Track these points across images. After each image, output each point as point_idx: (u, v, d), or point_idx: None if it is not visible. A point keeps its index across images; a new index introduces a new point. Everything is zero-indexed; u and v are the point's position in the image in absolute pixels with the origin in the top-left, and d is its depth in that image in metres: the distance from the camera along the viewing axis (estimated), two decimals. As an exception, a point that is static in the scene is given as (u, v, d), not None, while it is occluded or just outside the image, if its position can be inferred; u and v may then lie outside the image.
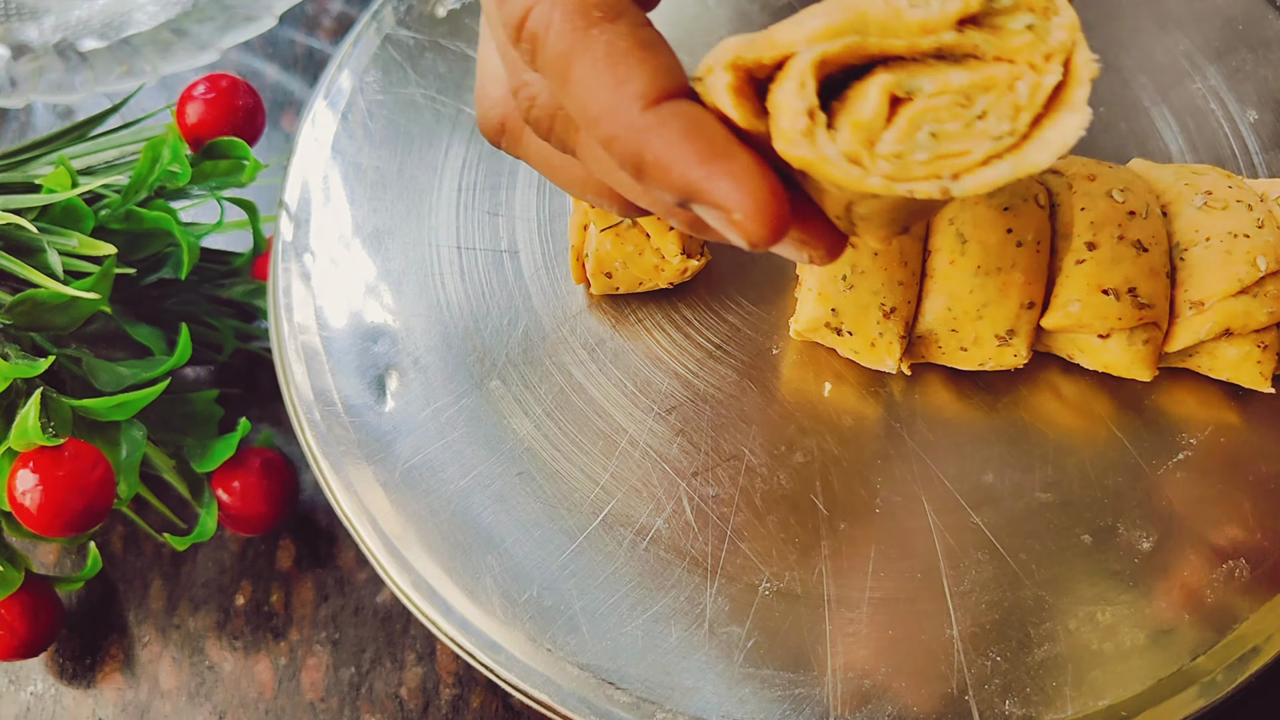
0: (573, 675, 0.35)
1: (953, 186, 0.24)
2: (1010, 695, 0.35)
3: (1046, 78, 0.24)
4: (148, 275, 0.45)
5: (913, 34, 0.24)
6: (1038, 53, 0.24)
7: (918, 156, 0.24)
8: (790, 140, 0.24)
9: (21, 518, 0.37)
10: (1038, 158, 0.24)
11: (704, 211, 0.24)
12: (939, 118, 0.24)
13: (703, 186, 0.24)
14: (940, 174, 0.24)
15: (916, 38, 0.24)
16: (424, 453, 0.39)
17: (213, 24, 0.50)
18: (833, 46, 0.24)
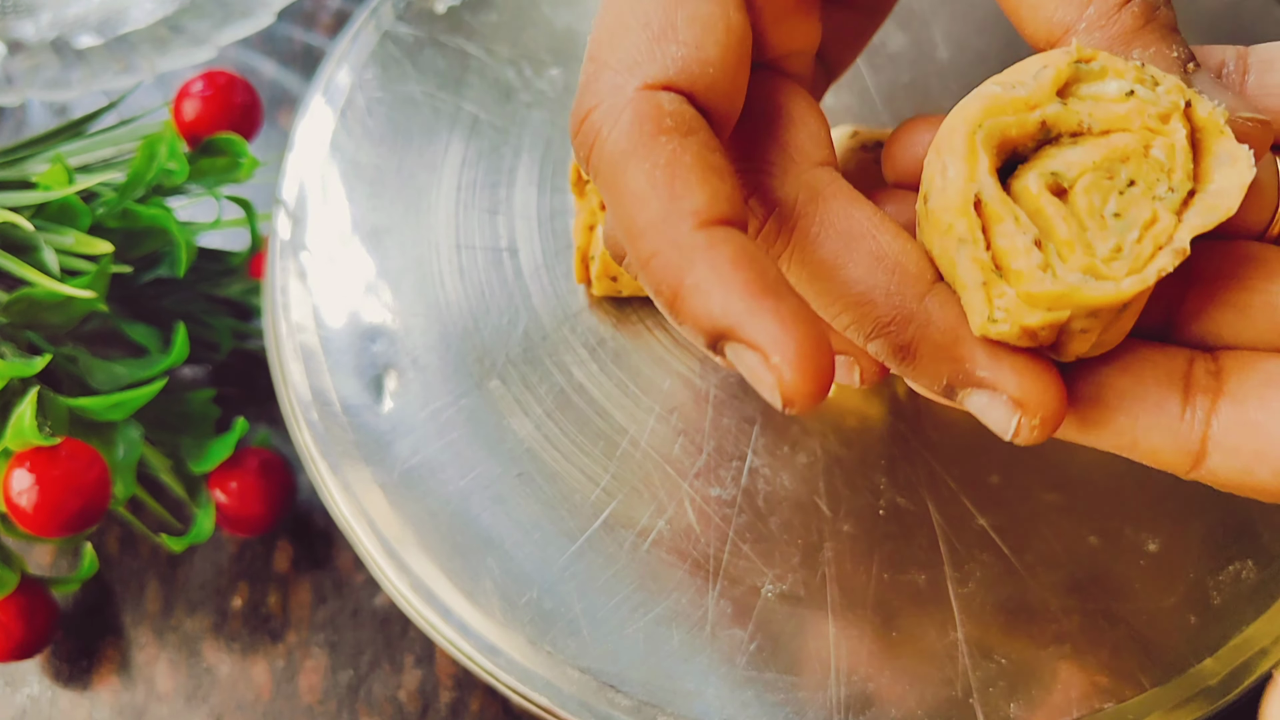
0: (573, 678, 0.35)
1: (1176, 251, 0.23)
2: (1015, 698, 0.34)
3: (1176, 137, 0.24)
4: (144, 273, 0.45)
5: (1019, 111, 0.24)
6: (1148, 117, 0.24)
7: (1130, 240, 0.23)
8: (1031, 279, 0.23)
9: (17, 518, 0.37)
10: (1222, 203, 0.23)
11: (737, 354, 0.22)
12: (1106, 196, 0.23)
13: (743, 321, 0.22)
14: (1160, 244, 0.23)
15: (1024, 114, 0.24)
16: (423, 453, 0.38)
17: (210, 20, 0.50)
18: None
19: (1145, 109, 0.24)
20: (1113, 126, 0.24)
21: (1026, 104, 0.24)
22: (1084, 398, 0.26)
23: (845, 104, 0.43)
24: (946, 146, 0.23)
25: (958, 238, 0.23)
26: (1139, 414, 0.26)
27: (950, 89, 0.43)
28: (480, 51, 0.45)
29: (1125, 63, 0.24)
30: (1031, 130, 0.24)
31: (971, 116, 0.23)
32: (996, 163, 0.24)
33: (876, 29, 0.32)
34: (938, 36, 0.44)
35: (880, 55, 0.44)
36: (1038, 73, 0.24)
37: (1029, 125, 0.24)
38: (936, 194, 0.24)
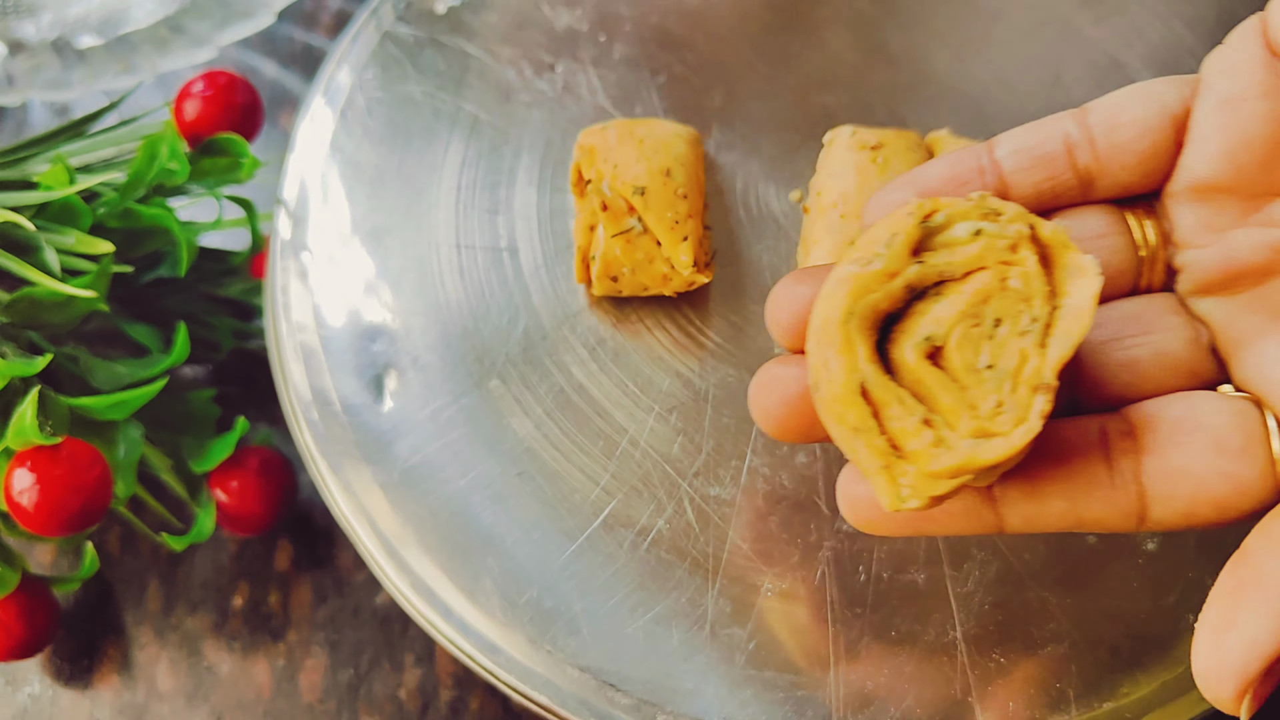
0: (573, 677, 0.35)
1: (1048, 387, 0.24)
2: (1014, 697, 0.34)
3: (1028, 263, 0.25)
4: (145, 273, 0.45)
5: (882, 284, 0.25)
6: (999, 250, 0.25)
7: (1007, 390, 0.24)
8: (928, 458, 0.24)
9: (18, 517, 0.37)
10: (1076, 325, 0.24)
11: None
12: (977, 348, 0.25)
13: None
14: (1035, 384, 0.24)
15: (887, 285, 0.25)
16: (423, 453, 0.38)
17: (210, 20, 0.50)
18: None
19: (994, 243, 0.25)
20: (970, 266, 0.25)
21: (886, 274, 0.25)
22: (1016, 495, 0.27)
23: (844, 103, 0.43)
24: (825, 340, 0.25)
25: (852, 427, 0.24)
26: (1072, 494, 0.27)
27: (948, 89, 0.43)
28: (480, 52, 0.45)
29: (966, 202, 0.25)
30: (899, 295, 0.25)
31: (840, 305, 0.24)
32: (874, 335, 0.25)
33: None
34: (937, 37, 0.44)
35: (880, 55, 0.44)
36: (889, 241, 0.25)
37: (896, 293, 0.25)
38: (824, 385, 0.25)
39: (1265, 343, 0.27)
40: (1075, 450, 0.27)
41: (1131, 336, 0.28)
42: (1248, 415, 0.26)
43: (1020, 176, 0.29)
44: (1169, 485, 0.26)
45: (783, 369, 0.28)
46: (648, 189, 0.38)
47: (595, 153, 0.40)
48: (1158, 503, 0.26)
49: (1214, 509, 0.26)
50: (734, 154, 0.43)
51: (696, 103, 0.44)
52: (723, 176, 0.42)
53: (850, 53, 0.44)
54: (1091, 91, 0.43)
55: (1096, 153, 0.29)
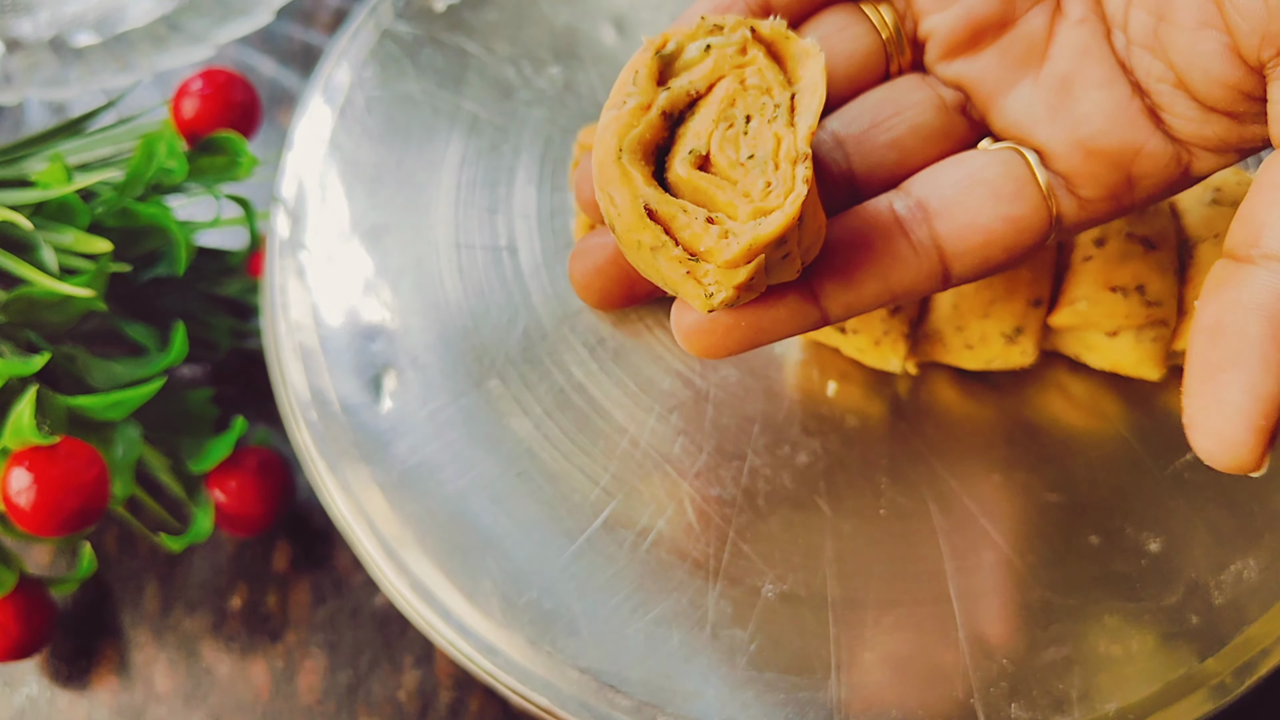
0: (573, 679, 0.35)
1: (803, 156, 0.26)
2: (1017, 698, 0.34)
3: (758, 61, 0.27)
4: (143, 272, 0.45)
5: (641, 116, 0.27)
6: (730, 57, 0.27)
7: (770, 170, 0.27)
8: (720, 250, 0.26)
9: (15, 517, 0.37)
10: (813, 100, 0.27)
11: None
12: (737, 144, 0.27)
13: None
14: (794, 159, 0.27)
15: (646, 117, 0.27)
16: (422, 453, 0.38)
17: (208, 18, 0.50)
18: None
19: (724, 52, 0.27)
20: (712, 79, 0.28)
21: (642, 108, 0.27)
22: (833, 288, 0.29)
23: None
24: (604, 180, 0.27)
25: (649, 247, 0.26)
26: (883, 273, 0.29)
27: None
28: (480, 49, 0.45)
29: (691, 26, 0.28)
30: (659, 124, 0.27)
31: (610, 145, 0.27)
32: (650, 167, 0.27)
33: None
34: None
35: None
36: (634, 78, 0.27)
37: (655, 122, 0.27)
38: (617, 221, 0.27)
39: (1016, 90, 0.30)
40: (875, 231, 0.30)
41: (888, 119, 0.31)
42: (1013, 162, 0.30)
43: None
44: (962, 240, 0.29)
45: (592, 240, 0.30)
46: (648, 188, 0.38)
47: (595, 151, 0.39)
48: (956, 259, 0.29)
49: (1004, 251, 0.29)
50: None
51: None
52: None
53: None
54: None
55: None
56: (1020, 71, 0.30)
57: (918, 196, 0.30)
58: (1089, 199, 0.29)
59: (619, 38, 0.45)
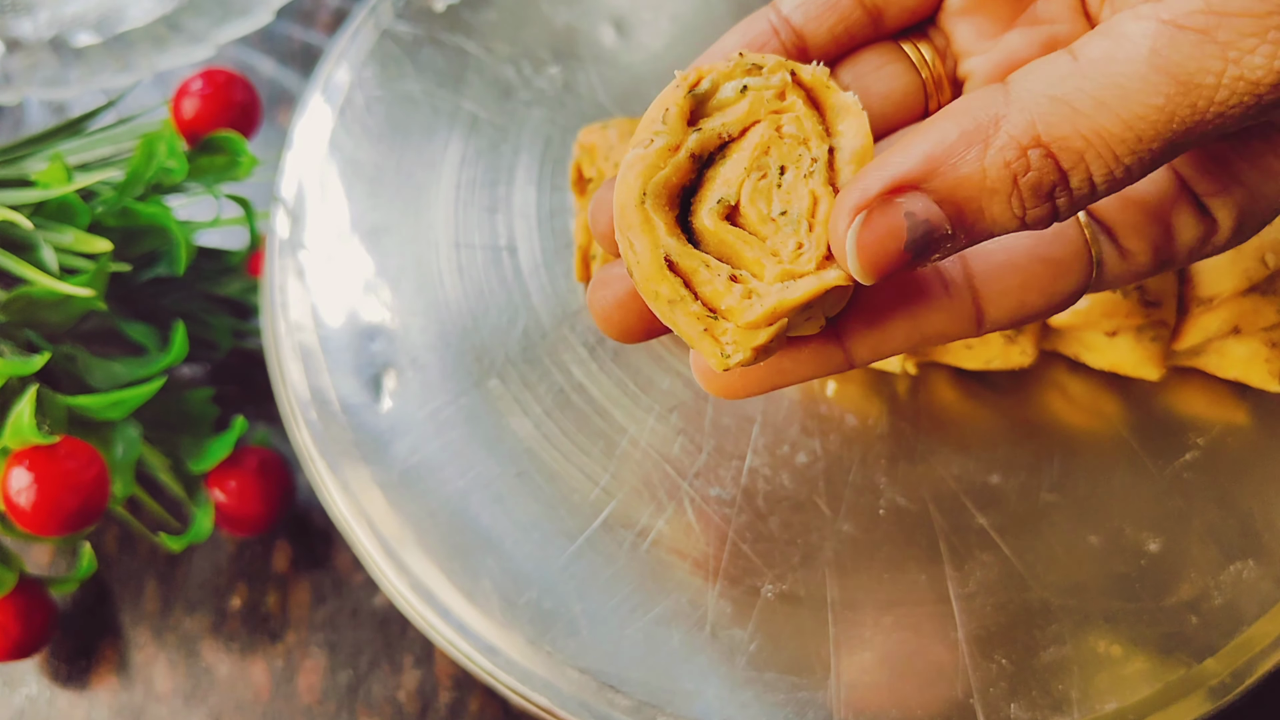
0: (573, 679, 0.35)
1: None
2: (1016, 699, 0.34)
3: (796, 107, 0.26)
4: (143, 272, 0.45)
5: (668, 158, 0.25)
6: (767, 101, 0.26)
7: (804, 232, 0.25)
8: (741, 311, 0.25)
9: (15, 516, 0.37)
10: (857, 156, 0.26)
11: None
12: (769, 198, 0.25)
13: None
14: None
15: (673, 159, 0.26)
16: (422, 453, 0.38)
17: (208, 19, 0.50)
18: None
19: (761, 95, 0.26)
20: (745, 123, 0.26)
21: (670, 149, 0.25)
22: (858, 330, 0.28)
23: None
24: (625, 224, 0.25)
25: (667, 300, 0.25)
26: (912, 313, 0.28)
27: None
28: (479, 49, 0.45)
29: (727, 64, 0.26)
30: (687, 166, 0.26)
31: (633, 188, 0.25)
32: (674, 210, 0.26)
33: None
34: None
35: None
36: (663, 117, 0.26)
37: (683, 164, 0.26)
38: (635, 268, 0.25)
39: None
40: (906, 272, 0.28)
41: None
42: None
43: (813, 26, 0.30)
44: (998, 281, 0.28)
45: (613, 270, 0.29)
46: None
47: (596, 151, 0.39)
48: (991, 301, 0.28)
49: (1042, 295, 0.28)
50: (734, 153, 0.42)
51: (697, 101, 0.43)
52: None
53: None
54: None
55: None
56: None
57: None
58: (1130, 250, 0.28)
59: (618, 38, 0.45)
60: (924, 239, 0.23)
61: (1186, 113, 0.22)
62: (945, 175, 0.23)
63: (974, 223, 0.23)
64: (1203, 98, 0.22)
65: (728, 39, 0.30)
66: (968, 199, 0.23)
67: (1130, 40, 0.23)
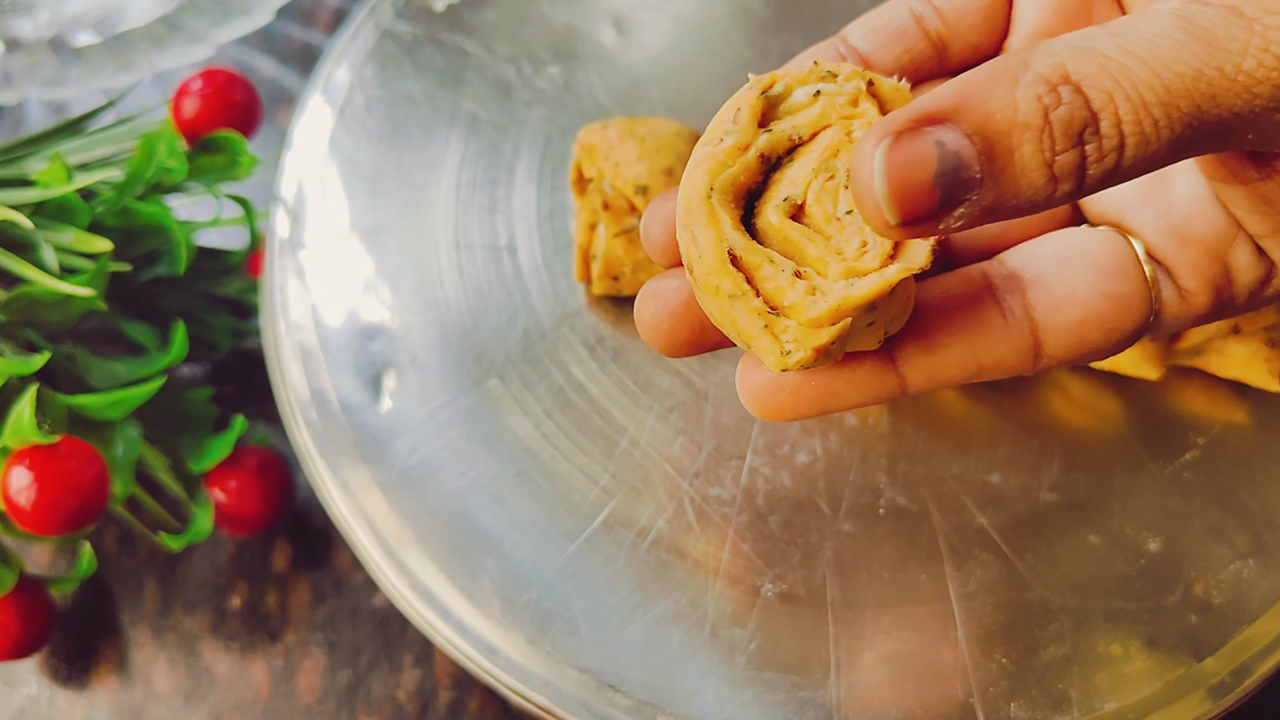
0: (572, 678, 0.35)
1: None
2: (1016, 698, 0.34)
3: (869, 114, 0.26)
4: (143, 272, 0.45)
5: (737, 158, 0.26)
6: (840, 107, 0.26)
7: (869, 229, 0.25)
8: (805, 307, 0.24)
9: (15, 516, 0.37)
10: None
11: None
12: (835, 198, 0.25)
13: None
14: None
15: (742, 158, 0.26)
16: (421, 453, 0.38)
17: (208, 18, 0.50)
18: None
19: (834, 101, 0.26)
20: (817, 127, 0.26)
21: (739, 148, 0.26)
22: (914, 352, 0.28)
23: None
24: (689, 218, 0.25)
25: (728, 295, 0.25)
26: (969, 340, 0.27)
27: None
28: (479, 49, 0.45)
29: (803, 69, 0.26)
30: (755, 166, 0.26)
31: (700, 184, 0.25)
32: (739, 210, 0.26)
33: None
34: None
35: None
36: (735, 116, 0.26)
37: (751, 164, 0.26)
38: (697, 263, 0.25)
39: None
40: (964, 297, 0.28)
41: None
42: (1116, 240, 0.28)
43: (879, 55, 0.30)
44: (1057, 314, 0.27)
45: (665, 282, 0.29)
46: (650, 188, 0.38)
47: (596, 151, 0.39)
48: (1050, 334, 0.27)
49: (1102, 331, 0.27)
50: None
51: (696, 100, 0.43)
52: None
53: (851, 51, 0.44)
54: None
55: (944, 18, 0.30)
56: None
57: (1011, 266, 0.28)
58: (1189, 290, 0.28)
59: (618, 37, 0.45)
60: (953, 174, 0.22)
61: (1214, 74, 0.22)
62: (976, 108, 0.22)
63: (1004, 166, 0.22)
64: (1229, 62, 0.22)
65: (796, 61, 0.30)
66: (999, 134, 0.22)
67: (1157, 13, 0.22)
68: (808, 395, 0.28)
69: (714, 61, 0.44)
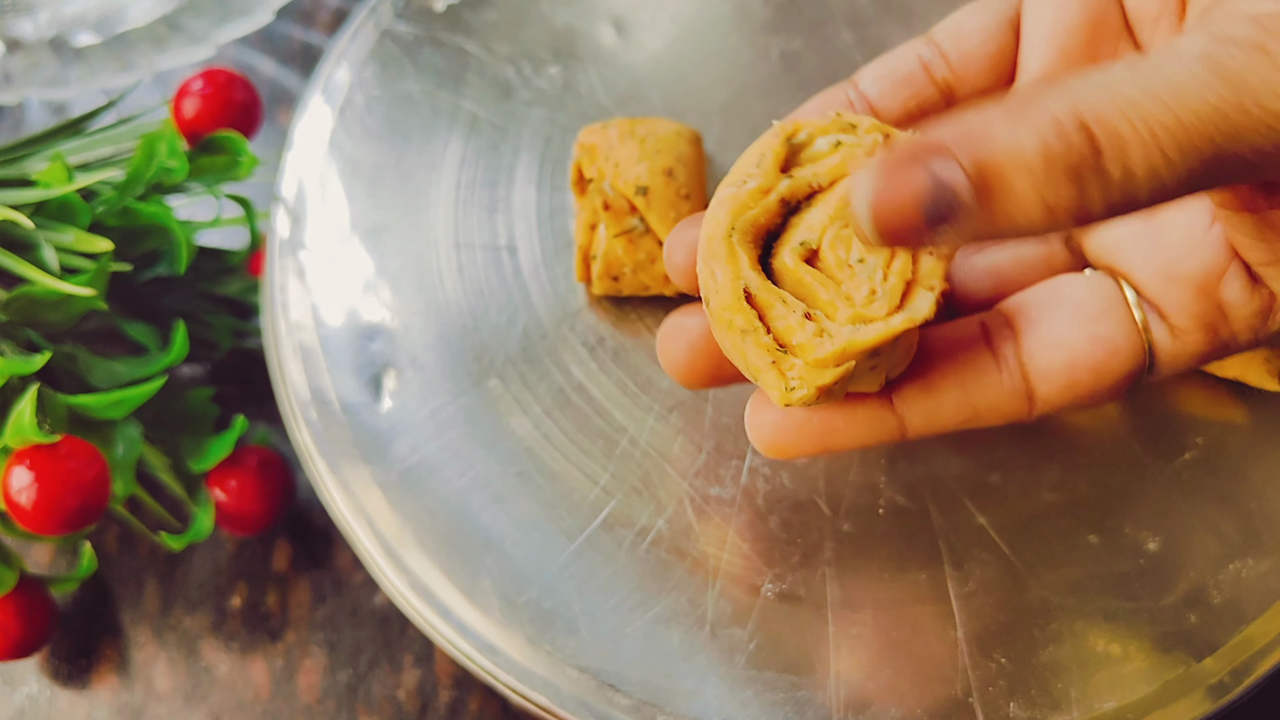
0: (572, 678, 0.35)
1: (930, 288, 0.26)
2: (1015, 698, 0.34)
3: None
4: (144, 272, 0.45)
5: (758, 200, 0.27)
6: (860, 158, 0.27)
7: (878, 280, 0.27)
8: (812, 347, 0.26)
9: (16, 515, 0.37)
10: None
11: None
12: (848, 245, 0.27)
13: None
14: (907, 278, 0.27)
15: (763, 200, 0.27)
16: (421, 452, 0.38)
17: (208, 18, 0.50)
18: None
19: (854, 152, 0.27)
20: (836, 176, 0.27)
21: (762, 191, 0.27)
22: (912, 394, 0.28)
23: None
24: (710, 254, 0.27)
25: (740, 330, 0.26)
26: (964, 384, 0.28)
27: (950, 87, 0.43)
28: (479, 49, 0.45)
29: (825, 119, 0.28)
30: (776, 209, 0.27)
31: (722, 223, 0.27)
32: (757, 249, 0.27)
33: None
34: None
35: (880, 53, 0.44)
36: (759, 161, 0.27)
37: (771, 207, 0.27)
38: (713, 297, 0.27)
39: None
40: (961, 344, 0.29)
41: (989, 245, 0.30)
42: (1104, 284, 0.29)
43: (887, 100, 0.31)
44: (1048, 359, 0.28)
45: (686, 317, 0.30)
46: (650, 189, 0.38)
47: (596, 151, 0.39)
48: (1042, 380, 0.28)
49: (1093, 375, 0.28)
50: (734, 153, 0.42)
51: (696, 101, 0.43)
52: (723, 175, 0.42)
53: (850, 50, 0.44)
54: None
55: (951, 65, 0.31)
56: None
57: (1006, 313, 0.29)
58: (1181, 329, 0.28)
59: (619, 38, 0.45)
60: (941, 199, 0.22)
61: (1236, 114, 0.22)
62: (976, 141, 0.22)
63: (996, 196, 0.22)
64: (1253, 101, 0.22)
65: (809, 106, 0.31)
66: (994, 165, 0.22)
67: (1180, 49, 0.22)
68: (810, 433, 0.29)
69: (714, 62, 0.44)
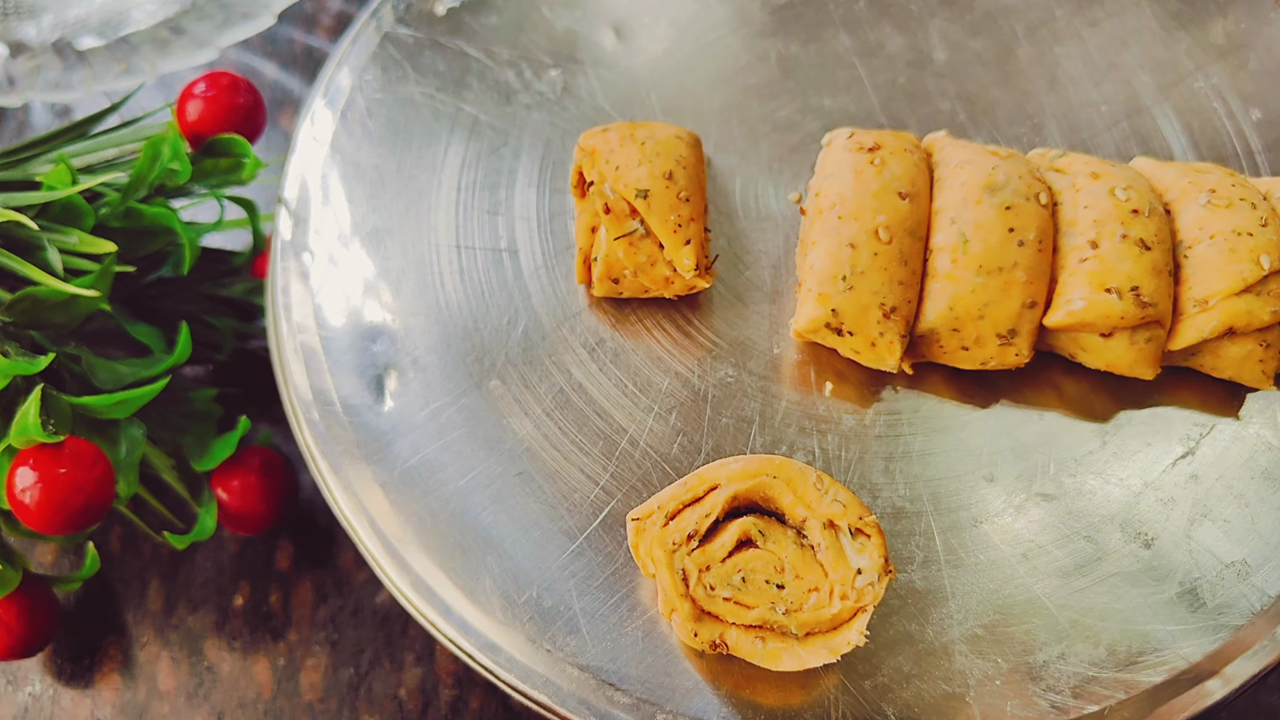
0: (572, 676, 0.35)
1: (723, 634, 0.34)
2: (1013, 697, 0.34)
3: (850, 601, 0.33)
4: (148, 273, 0.45)
5: (801, 503, 0.34)
6: (848, 586, 0.33)
7: (720, 593, 0.33)
8: (654, 546, 0.34)
9: (20, 515, 0.37)
10: (791, 662, 0.33)
11: None
12: (754, 569, 0.33)
13: None
14: (726, 616, 0.33)
15: (799, 507, 0.34)
16: (423, 453, 0.38)
17: (211, 22, 0.50)
18: (743, 485, 0.34)
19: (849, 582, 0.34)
20: (838, 572, 0.34)
21: (804, 501, 0.34)
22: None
23: (842, 105, 0.43)
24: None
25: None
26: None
27: (946, 90, 0.44)
28: (480, 53, 0.45)
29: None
30: (797, 519, 0.34)
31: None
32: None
33: None
34: (934, 38, 0.45)
35: (878, 57, 0.44)
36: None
37: (796, 517, 0.34)
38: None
39: None
40: None
41: None
42: None
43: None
44: None
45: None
46: (650, 192, 0.38)
47: (596, 154, 0.40)
48: None
49: None
50: (732, 155, 0.43)
51: (695, 104, 0.44)
52: (721, 177, 0.42)
53: (848, 54, 0.44)
54: (1087, 92, 0.43)
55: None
56: None
57: None
58: None
59: (618, 42, 0.45)
60: None
61: None
62: None
63: None
64: None
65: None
66: None
67: None
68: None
69: (713, 65, 0.45)
